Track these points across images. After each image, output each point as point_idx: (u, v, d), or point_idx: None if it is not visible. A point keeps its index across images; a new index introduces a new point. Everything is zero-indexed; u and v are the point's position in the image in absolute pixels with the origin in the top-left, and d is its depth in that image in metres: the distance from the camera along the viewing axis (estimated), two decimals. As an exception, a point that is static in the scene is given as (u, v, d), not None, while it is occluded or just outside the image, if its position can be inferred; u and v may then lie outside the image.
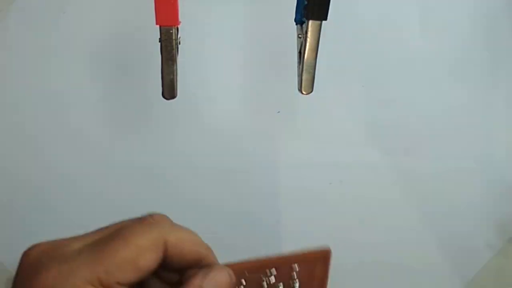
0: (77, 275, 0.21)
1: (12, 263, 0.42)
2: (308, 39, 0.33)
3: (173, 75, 0.32)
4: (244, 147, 0.44)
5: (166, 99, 0.33)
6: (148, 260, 0.22)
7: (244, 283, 0.26)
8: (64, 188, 0.42)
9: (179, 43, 0.32)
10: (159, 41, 0.32)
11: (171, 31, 0.31)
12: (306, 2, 0.32)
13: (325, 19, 0.33)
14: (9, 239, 0.42)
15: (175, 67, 0.32)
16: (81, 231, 0.27)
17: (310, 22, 0.33)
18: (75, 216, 0.41)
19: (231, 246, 0.31)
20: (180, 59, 0.32)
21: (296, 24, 0.34)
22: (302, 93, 0.35)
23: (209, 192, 0.44)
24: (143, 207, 0.25)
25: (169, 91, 0.33)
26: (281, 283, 0.26)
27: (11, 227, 0.42)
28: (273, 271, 0.26)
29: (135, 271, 0.22)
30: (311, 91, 0.35)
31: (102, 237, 0.23)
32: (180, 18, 0.31)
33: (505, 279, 0.46)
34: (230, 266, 0.25)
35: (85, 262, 0.22)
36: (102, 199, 0.42)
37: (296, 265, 0.26)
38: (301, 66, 0.34)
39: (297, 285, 0.26)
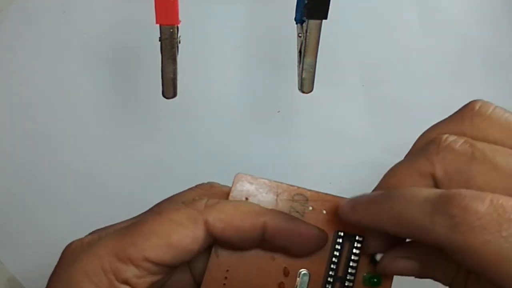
0: (102, 245, 0.20)
1: (12, 263, 0.42)
2: (309, 38, 0.33)
3: (174, 74, 0.32)
4: (244, 147, 0.44)
5: (167, 98, 0.33)
6: (183, 236, 0.20)
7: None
8: (64, 189, 0.42)
9: (179, 42, 0.32)
10: (159, 40, 0.32)
11: (171, 30, 0.31)
12: (306, 1, 0.32)
13: (326, 18, 0.33)
14: (9, 239, 0.42)
15: (175, 66, 0.32)
16: (81, 231, 0.26)
17: (310, 21, 0.33)
18: (76, 216, 0.41)
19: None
20: (180, 58, 0.32)
21: (296, 23, 0.34)
22: (303, 93, 0.35)
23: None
24: (143, 204, 0.25)
25: (169, 90, 0.33)
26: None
27: (11, 227, 0.42)
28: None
29: (167, 247, 0.20)
30: (312, 91, 0.35)
31: (138, 217, 0.22)
32: (180, 17, 0.31)
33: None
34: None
35: (114, 235, 0.21)
36: (102, 198, 0.42)
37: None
38: (301, 66, 0.34)
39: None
